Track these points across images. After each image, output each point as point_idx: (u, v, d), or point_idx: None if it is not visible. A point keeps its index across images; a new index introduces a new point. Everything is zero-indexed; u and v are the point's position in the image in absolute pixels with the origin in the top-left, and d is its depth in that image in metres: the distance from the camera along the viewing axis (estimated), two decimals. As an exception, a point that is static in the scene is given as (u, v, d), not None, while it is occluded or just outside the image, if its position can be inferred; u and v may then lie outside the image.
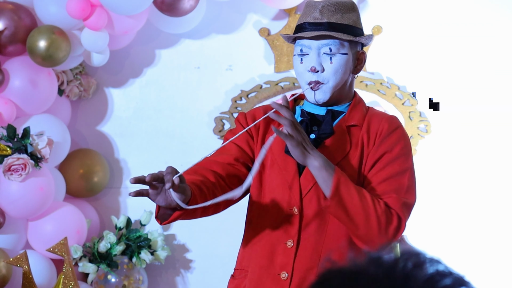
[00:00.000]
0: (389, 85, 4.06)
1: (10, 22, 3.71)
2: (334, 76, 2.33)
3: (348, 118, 2.37)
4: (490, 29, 4.03)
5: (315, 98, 2.35)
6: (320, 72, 2.32)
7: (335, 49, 2.33)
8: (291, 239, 2.33)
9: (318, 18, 2.32)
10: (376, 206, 2.23)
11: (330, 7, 2.33)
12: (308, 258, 2.31)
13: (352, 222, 2.23)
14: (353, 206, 2.21)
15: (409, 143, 2.39)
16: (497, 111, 4.03)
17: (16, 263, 3.50)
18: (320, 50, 2.33)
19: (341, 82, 2.35)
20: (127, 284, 3.95)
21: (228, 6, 4.10)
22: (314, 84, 2.33)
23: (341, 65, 2.33)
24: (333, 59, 2.33)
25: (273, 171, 2.37)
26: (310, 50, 2.33)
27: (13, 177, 3.64)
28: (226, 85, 4.12)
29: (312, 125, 2.37)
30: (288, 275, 2.31)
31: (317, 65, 2.32)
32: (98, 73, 4.18)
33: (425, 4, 4.05)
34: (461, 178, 4.03)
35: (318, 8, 2.33)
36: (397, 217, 2.26)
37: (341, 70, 2.34)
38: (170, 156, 4.13)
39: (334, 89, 2.35)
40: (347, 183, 2.21)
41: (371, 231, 2.23)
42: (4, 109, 3.70)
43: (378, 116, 2.39)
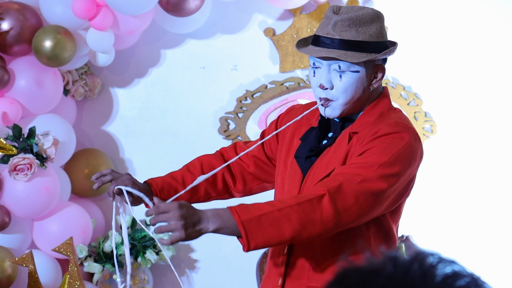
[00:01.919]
0: (394, 85, 4.06)
1: (16, 22, 3.71)
2: (344, 94, 2.23)
3: (354, 125, 2.28)
4: (496, 30, 4.02)
5: (325, 114, 2.27)
6: (329, 89, 2.24)
7: (344, 67, 2.22)
8: (287, 247, 2.33)
9: (330, 34, 2.21)
10: (290, 208, 2.06)
11: (344, 22, 2.20)
12: (298, 267, 2.27)
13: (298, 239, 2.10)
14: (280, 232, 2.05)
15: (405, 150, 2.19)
16: (503, 111, 4.03)
17: (21, 262, 3.50)
18: (330, 66, 2.23)
19: (353, 99, 2.25)
20: (132, 283, 3.95)
21: (233, 6, 4.10)
22: (324, 101, 2.25)
23: (351, 83, 2.23)
24: (343, 76, 2.22)
25: (286, 172, 2.37)
26: (321, 64, 2.25)
27: (19, 177, 3.64)
28: (231, 85, 4.12)
29: (327, 132, 2.33)
30: (281, 282, 2.32)
31: (326, 83, 2.23)
32: (103, 73, 4.19)
33: (430, 4, 4.05)
34: (466, 179, 4.02)
35: (332, 22, 2.21)
36: (319, 198, 2.07)
37: (352, 88, 2.23)
38: (175, 156, 4.13)
39: (345, 106, 2.25)
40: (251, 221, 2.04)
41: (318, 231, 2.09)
42: (10, 109, 3.70)
43: (384, 121, 2.26)
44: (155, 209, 2.07)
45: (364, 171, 2.13)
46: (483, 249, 4.00)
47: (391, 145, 2.18)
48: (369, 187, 2.13)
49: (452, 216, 4.02)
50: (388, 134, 2.19)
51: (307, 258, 2.27)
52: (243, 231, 2.02)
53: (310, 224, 2.06)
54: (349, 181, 2.11)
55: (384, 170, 2.15)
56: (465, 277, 0.95)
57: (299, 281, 2.27)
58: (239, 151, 2.48)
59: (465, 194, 4.02)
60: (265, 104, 4.12)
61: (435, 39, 4.05)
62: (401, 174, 2.20)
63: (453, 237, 4.00)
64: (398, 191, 2.23)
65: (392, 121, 2.25)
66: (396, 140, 2.19)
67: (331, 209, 2.07)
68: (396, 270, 0.96)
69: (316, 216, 2.06)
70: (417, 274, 0.96)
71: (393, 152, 2.17)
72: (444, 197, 4.02)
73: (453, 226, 4.01)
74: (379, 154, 2.16)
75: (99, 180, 2.27)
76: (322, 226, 2.08)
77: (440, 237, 4.01)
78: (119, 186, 2.26)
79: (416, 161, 2.26)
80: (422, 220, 4.03)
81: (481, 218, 4.01)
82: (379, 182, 2.14)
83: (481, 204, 4.01)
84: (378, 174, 2.14)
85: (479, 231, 4.01)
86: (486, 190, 4.02)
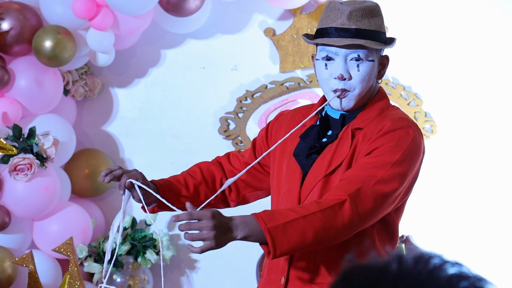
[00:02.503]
0: (395, 85, 4.06)
1: (16, 22, 3.71)
2: (361, 84, 2.26)
3: (355, 121, 2.29)
4: (496, 30, 4.02)
5: (341, 106, 2.27)
6: (347, 79, 2.25)
7: (363, 56, 2.25)
8: None
9: (346, 24, 2.23)
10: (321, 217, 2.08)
11: (358, 11, 2.23)
12: (303, 264, 2.27)
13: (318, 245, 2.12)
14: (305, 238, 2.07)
15: (410, 145, 2.23)
16: (503, 111, 4.03)
17: (21, 263, 3.50)
18: (348, 56, 2.24)
19: (366, 89, 2.28)
20: (132, 284, 3.95)
21: (233, 6, 4.10)
22: (341, 92, 2.25)
23: (368, 72, 2.26)
24: (361, 66, 2.25)
25: (278, 178, 2.37)
26: (336, 56, 2.25)
27: (19, 177, 3.64)
28: (231, 85, 4.12)
29: (327, 129, 2.33)
30: (284, 281, 2.31)
31: (345, 73, 2.24)
32: (103, 73, 4.19)
33: (430, 5, 4.05)
34: (466, 178, 4.02)
35: (346, 13, 2.23)
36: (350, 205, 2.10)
37: (367, 78, 2.27)
38: (175, 156, 4.13)
39: (359, 96, 2.27)
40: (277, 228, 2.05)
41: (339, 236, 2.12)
42: (10, 109, 3.70)
43: (388, 116, 2.29)
44: (187, 215, 2.05)
45: (378, 171, 2.16)
46: (483, 249, 4.00)
47: (400, 142, 2.21)
48: (384, 189, 2.16)
49: (452, 216, 4.02)
50: (394, 130, 2.22)
51: (311, 256, 2.27)
52: (270, 238, 2.03)
53: (333, 230, 2.09)
54: (366, 184, 2.14)
55: (397, 169, 2.18)
56: (470, 278, 0.96)
57: (303, 279, 2.28)
58: (233, 159, 2.51)
59: (466, 194, 4.02)
60: (265, 104, 4.12)
61: (435, 39, 4.05)
62: (410, 171, 2.24)
63: (453, 237, 4.00)
64: (406, 188, 2.26)
65: (396, 117, 2.27)
66: (403, 137, 2.22)
67: (353, 214, 2.10)
68: (402, 268, 0.97)
69: (338, 222, 2.09)
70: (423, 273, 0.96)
71: (403, 149, 2.21)
72: (445, 197, 4.02)
73: (453, 226, 4.01)
74: (390, 153, 2.19)
75: (110, 175, 2.25)
76: (343, 231, 2.11)
77: (440, 237, 4.01)
78: (131, 179, 2.25)
79: (421, 156, 2.29)
80: (422, 220, 4.02)
81: (481, 218, 4.01)
82: (393, 182, 2.18)
83: (481, 204, 4.01)
84: (391, 174, 2.17)
85: (479, 231, 4.01)
86: (486, 190, 4.02)
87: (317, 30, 2.30)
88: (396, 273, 0.97)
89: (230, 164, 2.49)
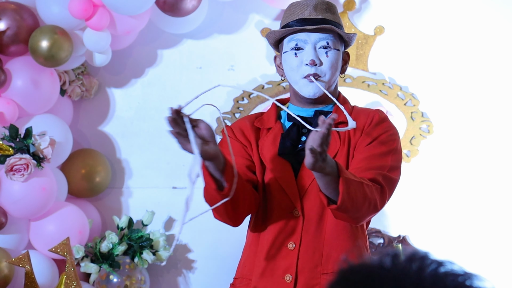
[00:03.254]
0: (391, 85, 4.06)
1: (12, 22, 3.71)
2: (331, 70, 2.35)
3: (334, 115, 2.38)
4: (493, 30, 4.03)
5: (313, 91, 2.35)
6: (318, 65, 2.34)
7: (331, 43, 2.36)
8: (292, 241, 2.33)
9: (313, 14, 2.35)
10: (368, 189, 2.24)
11: (322, 5, 2.37)
12: (310, 257, 2.32)
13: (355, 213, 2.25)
14: (356, 202, 2.21)
15: (397, 133, 2.43)
16: (499, 111, 4.03)
17: (18, 263, 3.50)
18: (317, 44, 2.35)
19: (335, 79, 2.38)
20: (129, 284, 3.95)
21: (230, 6, 4.10)
22: (313, 75, 2.34)
23: (336, 59, 2.37)
24: (329, 53, 2.36)
25: (270, 175, 2.38)
26: (306, 44, 2.35)
27: (15, 177, 3.64)
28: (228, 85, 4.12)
29: (303, 128, 2.38)
30: (292, 277, 2.31)
31: (316, 58, 2.34)
32: (100, 73, 4.18)
33: (427, 5, 4.05)
34: (463, 178, 4.03)
35: (312, 5, 2.36)
36: (381, 190, 2.29)
37: (336, 65, 2.37)
38: (172, 156, 4.13)
39: (329, 83, 2.36)
40: (349, 181, 2.18)
41: (366, 213, 2.27)
42: (6, 109, 3.70)
43: (366, 111, 2.43)
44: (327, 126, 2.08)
45: (387, 160, 2.34)
46: (480, 249, 4.00)
47: (394, 132, 2.39)
48: (395, 176, 2.36)
49: (449, 216, 4.02)
50: (384, 120, 2.40)
51: (318, 247, 2.32)
52: (343, 188, 2.14)
53: (372, 203, 2.24)
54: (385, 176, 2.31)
55: (397, 155, 2.38)
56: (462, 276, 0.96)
57: (312, 272, 2.31)
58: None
59: (462, 194, 4.02)
60: (262, 104, 4.12)
61: (432, 39, 4.05)
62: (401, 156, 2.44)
63: (450, 237, 4.01)
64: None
65: (375, 109, 2.45)
66: (392, 127, 2.41)
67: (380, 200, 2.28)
68: (397, 268, 0.98)
69: (374, 197, 2.25)
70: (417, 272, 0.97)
71: (396, 137, 2.40)
72: (441, 197, 4.03)
73: (450, 226, 4.02)
74: (390, 141, 2.36)
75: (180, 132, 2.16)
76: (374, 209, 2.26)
77: (437, 237, 4.01)
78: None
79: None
80: (418, 220, 4.03)
81: (478, 218, 4.01)
82: (398, 168, 2.39)
83: (478, 204, 4.02)
84: (395, 160, 2.36)
85: (476, 231, 4.01)
86: (483, 190, 4.02)
87: (283, 26, 2.39)
88: (391, 272, 0.98)
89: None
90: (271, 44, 2.47)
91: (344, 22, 4.07)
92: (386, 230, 4.03)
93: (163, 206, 4.14)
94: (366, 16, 4.09)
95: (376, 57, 4.06)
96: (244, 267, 2.44)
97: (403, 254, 1.02)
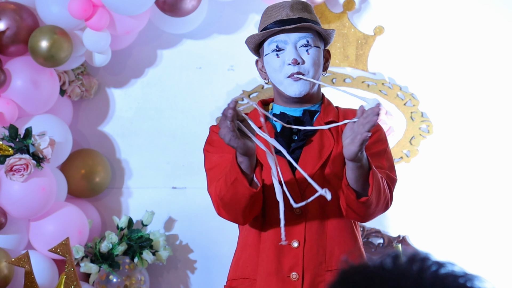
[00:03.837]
0: (391, 85, 4.06)
1: (12, 22, 3.71)
2: (313, 67, 2.37)
3: (323, 115, 2.42)
4: (492, 30, 4.03)
5: (298, 90, 2.37)
6: (300, 64, 2.36)
7: (311, 41, 2.38)
8: (296, 239, 2.34)
9: (290, 15, 2.38)
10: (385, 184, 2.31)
11: (298, 5, 2.40)
12: (315, 254, 2.33)
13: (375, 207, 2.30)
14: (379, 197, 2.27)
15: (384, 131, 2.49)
16: (499, 111, 4.03)
17: (18, 263, 3.50)
18: (297, 43, 2.37)
19: (318, 76, 2.40)
20: (129, 284, 3.95)
21: (230, 6, 4.10)
22: (297, 73, 2.36)
23: (318, 56, 2.39)
24: (310, 51, 2.38)
25: (268, 174, 2.38)
26: (286, 45, 2.37)
27: (15, 177, 3.64)
28: (228, 85, 4.12)
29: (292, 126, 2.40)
30: (299, 275, 2.32)
31: (298, 57, 2.36)
32: (99, 73, 4.18)
33: (427, 5, 4.05)
34: (463, 178, 4.03)
35: (288, 6, 2.39)
36: (389, 190, 2.35)
37: (318, 62, 2.39)
38: (171, 156, 4.13)
39: (312, 82, 2.38)
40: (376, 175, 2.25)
41: (380, 209, 2.32)
42: (6, 109, 3.70)
43: (352, 111, 2.46)
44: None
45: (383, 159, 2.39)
46: (479, 249, 4.00)
47: (382, 131, 2.44)
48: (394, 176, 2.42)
49: (448, 216, 4.02)
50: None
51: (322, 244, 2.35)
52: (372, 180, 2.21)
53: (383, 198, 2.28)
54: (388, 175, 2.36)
55: (390, 154, 2.44)
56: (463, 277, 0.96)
57: (317, 268, 2.34)
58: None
59: (462, 194, 4.02)
60: (262, 104, 4.12)
61: (432, 39, 4.05)
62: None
63: (450, 237, 4.01)
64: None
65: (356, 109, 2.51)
66: (380, 125, 2.44)
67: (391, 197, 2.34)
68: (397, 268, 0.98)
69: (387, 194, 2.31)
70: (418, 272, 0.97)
71: (386, 137, 2.46)
72: (441, 197, 4.03)
73: (449, 226, 4.02)
74: (383, 140, 2.42)
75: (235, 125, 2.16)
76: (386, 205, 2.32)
77: (437, 237, 4.01)
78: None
79: None
80: (418, 221, 4.03)
81: (478, 218, 4.01)
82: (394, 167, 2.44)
83: (478, 204, 4.02)
84: (390, 159, 2.42)
85: (476, 231, 4.01)
86: (483, 190, 4.02)
87: (262, 30, 2.42)
88: (392, 273, 0.98)
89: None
90: (251, 49, 2.50)
91: (344, 22, 4.08)
92: (386, 230, 4.04)
93: (163, 206, 4.14)
94: (366, 16, 4.09)
95: (376, 57, 4.06)
96: (245, 268, 2.43)
97: (403, 254, 1.02)
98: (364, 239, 4.02)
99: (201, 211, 4.03)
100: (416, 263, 0.98)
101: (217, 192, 2.31)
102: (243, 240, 2.48)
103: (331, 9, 4.09)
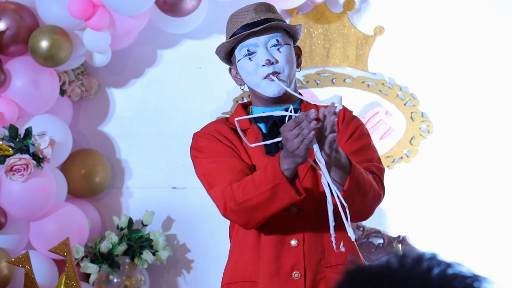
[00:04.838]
0: (391, 85, 4.06)
1: (12, 22, 3.71)
2: (288, 65, 2.38)
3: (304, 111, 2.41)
4: (493, 30, 4.03)
5: (277, 90, 2.38)
6: (274, 63, 2.37)
7: (281, 40, 2.39)
8: (295, 238, 2.34)
9: (256, 17, 2.40)
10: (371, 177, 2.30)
11: (262, 7, 2.43)
12: (314, 252, 2.34)
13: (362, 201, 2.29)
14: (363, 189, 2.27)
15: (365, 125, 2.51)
16: (499, 111, 4.03)
17: (18, 263, 3.50)
18: (268, 44, 2.38)
19: (293, 73, 2.41)
20: (129, 284, 3.95)
21: (230, 6, 4.10)
22: (273, 74, 2.36)
23: (290, 53, 2.40)
24: (281, 49, 2.39)
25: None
26: (257, 47, 2.39)
27: (15, 177, 3.64)
28: (228, 85, 4.12)
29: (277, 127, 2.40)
30: (301, 274, 2.32)
31: (271, 57, 2.37)
32: (100, 73, 4.18)
33: (427, 5, 4.05)
34: (463, 179, 4.03)
35: (252, 9, 2.42)
36: (379, 180, 2.36)
37: (291, 59, 2.40)
38: (171, 156, 4.13)
39: (289, 78, 2.39)
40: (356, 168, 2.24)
41: (372, 202, 2.32)
42: (6, 109, 3.70)
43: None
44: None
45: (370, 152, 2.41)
46: (480, 249, 4.00)
47: (364, 125, 2.47)
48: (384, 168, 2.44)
49: (448, 216, 4.02)
50: (353, 115, 2.48)
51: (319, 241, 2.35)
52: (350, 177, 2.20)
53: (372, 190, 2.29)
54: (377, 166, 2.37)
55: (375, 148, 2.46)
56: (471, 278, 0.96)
57: (317, 265, 2.34)
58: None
59: (462, 194, 4.03)
60: (262, 105, 4.11)
61: (432, 39, 4.05)
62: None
63: (450, 237, 4.01)
64: None
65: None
66: (360, 120, 2.49)
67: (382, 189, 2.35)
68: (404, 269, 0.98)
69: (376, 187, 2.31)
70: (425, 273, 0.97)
71: (367, 131, 2.49)
72: (441, 197, 4.03)
73: (449, 226, 4.02)
74: (367, 134, 2.46)
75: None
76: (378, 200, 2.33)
77: (437, 237, 4.01)
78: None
79: None
80: (418, 221, 4.03)
81: (478, 218, 4.01)
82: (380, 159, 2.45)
83: (478, 204, 4.02)
84: (376, 153, 2.44)
85: (476, 231, 4.01)
86: (483, 190, 4.02)
87: (231, 36, 2.43)
88: (399, 273, 0.98)
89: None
90: (222, 58, 2.50)
91: (344, 22, 4.08)
92: (386, 230, 4.04)
93: (162, 206, 4.13)
94: (366, 16, 4.09)
95: (376, 57, 4.06)
96: (245, 270, 2.41)
97: (407, 255, 1.02)
98: (364, 239, 4.02)
99: (201, 211, 4.03)
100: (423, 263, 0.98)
101: (233, 195, 2.27)
102: (241, 243, 2.46)
103: (331, 9, 4.09)
